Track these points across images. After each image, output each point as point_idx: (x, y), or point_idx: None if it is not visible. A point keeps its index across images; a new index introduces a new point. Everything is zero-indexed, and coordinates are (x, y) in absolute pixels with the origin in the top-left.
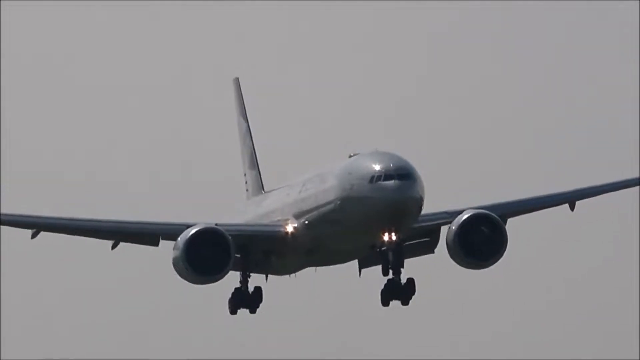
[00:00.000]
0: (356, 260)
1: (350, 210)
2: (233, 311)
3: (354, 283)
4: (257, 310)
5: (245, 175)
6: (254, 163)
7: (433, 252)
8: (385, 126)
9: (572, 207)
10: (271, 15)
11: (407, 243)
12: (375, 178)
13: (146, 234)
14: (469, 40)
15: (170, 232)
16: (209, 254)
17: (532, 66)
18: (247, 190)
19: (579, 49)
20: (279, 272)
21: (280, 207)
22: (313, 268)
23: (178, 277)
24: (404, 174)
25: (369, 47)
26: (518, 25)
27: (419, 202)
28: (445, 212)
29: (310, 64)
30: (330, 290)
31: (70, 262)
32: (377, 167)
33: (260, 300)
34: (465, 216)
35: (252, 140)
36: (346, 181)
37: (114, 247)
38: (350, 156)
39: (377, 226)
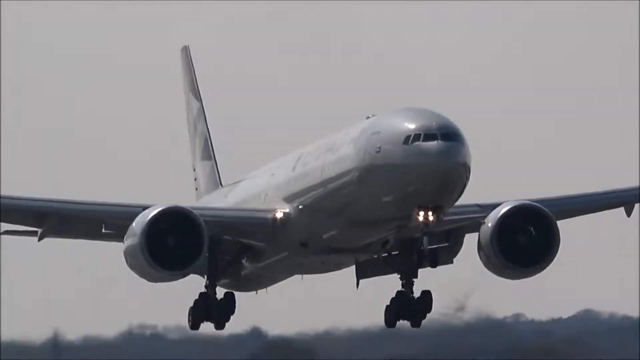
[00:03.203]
0: (353, 269)
1: (375, 184)
2: (195, 325)
3: (350, 297)
4: (226, 324)
5: (194, 170)
6: (209, 153)
7: (452, 261)
8: (378, 106)
9: (629, 212)
10: None
11: None
12: (412, 138)
13: (88, 219)
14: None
15: (121, 215)
16: (174, 242)
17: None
18: (196, 189)
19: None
20: (252, 280)
21: (261, 192)
22: (298, 277)
23: (130, 272)
24: (449, 134)
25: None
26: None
27: (467, 173)
28: (477, 205)
29: (284, 28)
30: (320, 305)
31: None
32: (414, 125)
33: (232, 310)
34: (505, 209)
35: (206, 125)
36: (370, 144)
37: (41, 237)
38: (369, 117)
39: (409, 204)
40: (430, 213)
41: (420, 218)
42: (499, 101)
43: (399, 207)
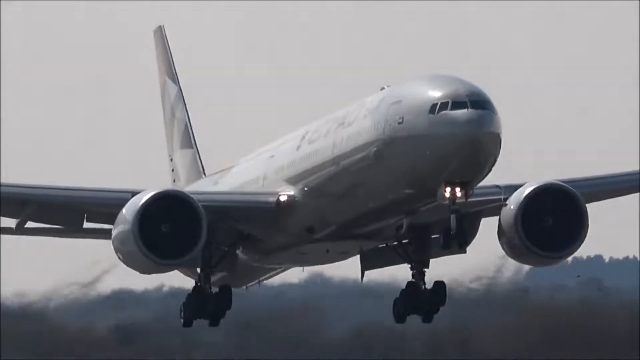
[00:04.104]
0: (357, 260)
1: (396, 158)
2: (187, 321)
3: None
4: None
5: (171, 160)
6: (189, 140)
7: (465, 250)
8: (369, 88)
9: None
10: None
11: (434, 236)
12: (438, 106)
13: (71, 206)
14: None
15: (109, 201)
16: (169, 230)
17: None
18: (174, 180)
19: None
20: (248, 273)
21: (259, 176)
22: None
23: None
24: (480, 101)
25: None
26: None
27: (499, 145)
28: (497, 186)
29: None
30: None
31: None
32: (441, 92)
33: (228, 305)
34: (529, 189)
35: (186, 110)
36: (390, 115)
37: (17, 230)
38: (384, 88)
39: (435, 180)
40: (458, 189)
41: (447, 195)
42: (514, 78)
43: (422, 184)
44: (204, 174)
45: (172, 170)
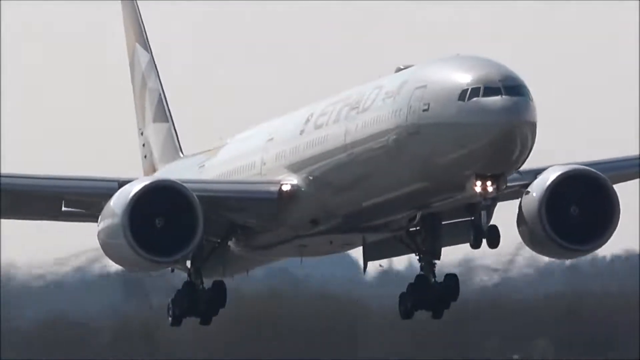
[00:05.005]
0: (360, 251)
1: (420, 149)
2: (176, 320)
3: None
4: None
5: (142, 134)
6: (164, 113)
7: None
8: (374, 67)
9: None
10: None
11: (445, 222)
12: (469, 92)
13: (51, 196)
14: None
15: (94, 192)
16: (162, 224)
17: None
18: (144, 157)
19: None
20: (239, 265)
21: (257, 160)
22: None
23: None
24: (515, 87)
25: None
26: None
27: (535, 135)
28: (517, 172)
29: None
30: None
31: None
32: (471, 76)
33: (222, 303)
34: (554, 175)
35: (160, 80)
36: (414, 101)
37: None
38: (401, 69)
39: (463, 173)
40: (489, 183)
41: (478, 189)
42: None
43: (448, 177)
44: (181, 152)
45: (143, 145)
